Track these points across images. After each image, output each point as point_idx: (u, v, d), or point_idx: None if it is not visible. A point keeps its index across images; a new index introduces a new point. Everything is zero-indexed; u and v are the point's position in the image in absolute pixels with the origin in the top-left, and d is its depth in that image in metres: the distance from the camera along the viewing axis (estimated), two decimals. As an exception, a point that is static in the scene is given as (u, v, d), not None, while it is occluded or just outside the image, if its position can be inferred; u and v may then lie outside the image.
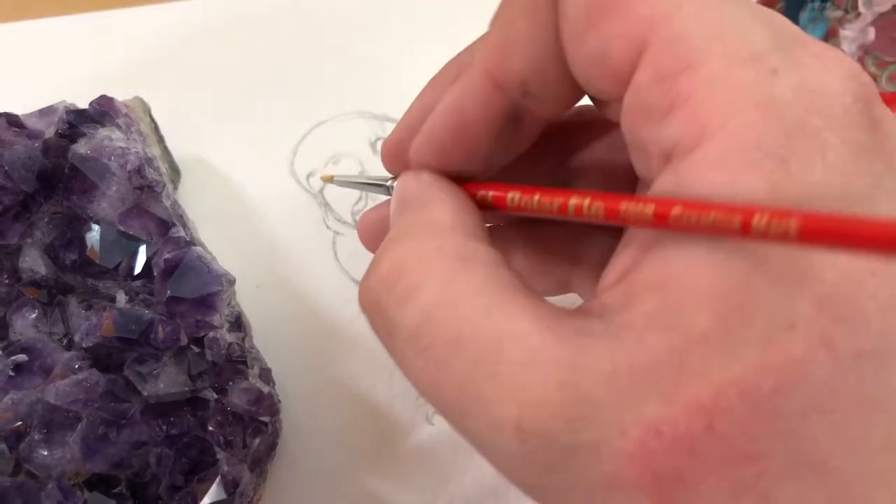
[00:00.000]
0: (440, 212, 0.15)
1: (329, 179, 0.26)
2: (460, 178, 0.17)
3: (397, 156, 0.19)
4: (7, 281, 0.22)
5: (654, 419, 0.11)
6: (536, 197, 0.14)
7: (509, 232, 0.19)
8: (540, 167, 0.18)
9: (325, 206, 0.28)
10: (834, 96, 0.11)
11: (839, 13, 0.29)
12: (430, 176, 0.16)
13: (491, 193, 0.16)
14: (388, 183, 0.20)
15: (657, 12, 0.12)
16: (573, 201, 0.13)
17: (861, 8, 0.28)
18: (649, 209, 0.11)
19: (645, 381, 0.11)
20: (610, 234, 0.17)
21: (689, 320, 0.11)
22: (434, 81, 0.19)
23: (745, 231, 0.10)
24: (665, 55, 0.12)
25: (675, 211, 0.11)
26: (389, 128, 0.29)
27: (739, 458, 0.10)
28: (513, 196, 0.15)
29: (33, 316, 0.21)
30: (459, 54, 0.18)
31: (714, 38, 0.12)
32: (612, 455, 0.11)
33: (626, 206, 0.12)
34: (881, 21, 0.28)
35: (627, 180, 0.17)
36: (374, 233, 0.20)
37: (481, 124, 0.15)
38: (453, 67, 0.18)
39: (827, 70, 0.11)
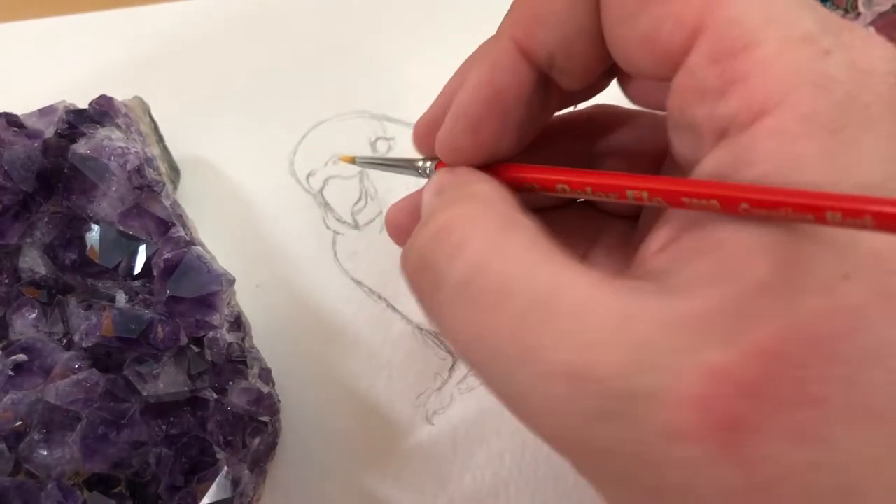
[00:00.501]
0: (480, 187, 0.15)
1: (351, 160, 0.25)
2: (490, 165, 0.17)
3: (430, 136, 0.19)
4: (7, 281, 0.22)
5: (715, 364, 0.10)
6: (589, 187, 0.15)
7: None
8: (562, 156, 0.18)
9: (325, 206, 0.28)
10: (880, 76, 0.12)
11: (839, 13, 0.29)
12: (467, 169, 0.17)
13: (537, 175, 0.16)
14: (420, 164, 0.20)
15: None
16: (631, 193, 0.14)
17: (861, 8, 0.28)
18: (714, 204, 0.12)
19: (703, 327, 0.11)
20: (630, 215, 0.18)
21: (746, 272, 0.11)
22: (465, 64, 0.19)
23: (819, 221, 0.11)
24: (722, 37, 0.12)
25: (743, 206, 0.11)
26: (389, 128, 0.29)
27: (801, 402, 0.10)
28: (563, 186, 0.15)
29: (33, 316, 0.21)
30: (490, 38, 0.19)
31: (768, 21, 0.12)
32: (672, 401, 0.10)
33: (689, 200, 0.12)
34: (881, 21, 0.28)
35: (651, 165, 0.18)
36: (403, 223, 0.20)
37: (512, 92, 0.15)
38: (483, 50, 0.18)
39: (872, 53, 0.12)
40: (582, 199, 0.17)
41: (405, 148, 0.29)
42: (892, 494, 0.10)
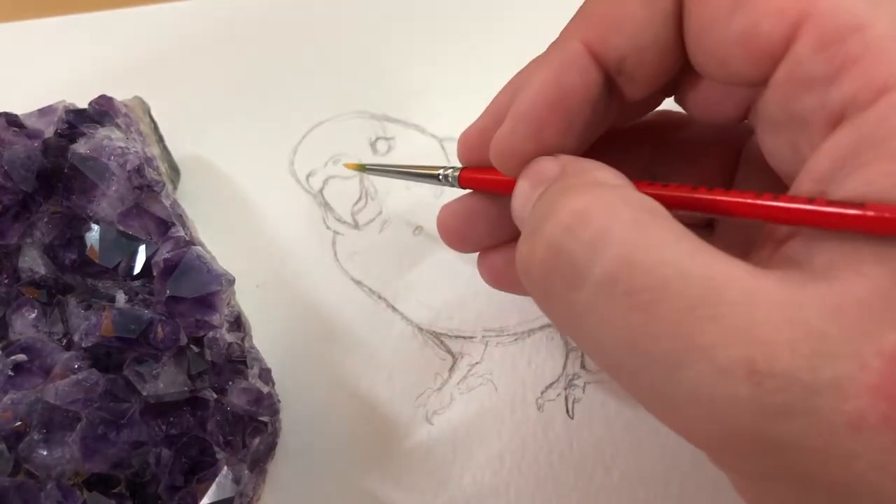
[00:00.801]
0: (602, 174, 0.14)
1: (360, 168, 0.25)
2: None
3: (480, 146, 0.18)
4: (7, 281, 0.22)
5: (894, 348, 0.10)
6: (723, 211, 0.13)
7: None
8: (626, 164, 0.18)
9: (325, 205, 0.28)
10: None
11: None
12: (570, 156, 0.15)
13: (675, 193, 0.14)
14: (444, 172, 0.19)
15: None
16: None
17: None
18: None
19: (875, 310, 0.10)
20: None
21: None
22: (519, 75, 0.18)
23: None
24: (828, 23, 0.12)
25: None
26: (389, 128, 0.29)
27: None
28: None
29: (33, 316, 0.21)
30: (553, 44, 0.18)
31: (874, 4, 0.12)
32: (857, 391, 0.10)
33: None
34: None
35: (720, 171, 0.17)
36: (461, 228, 0.19)
37: (579, 95, 0.15)
38: (548, 54, 0.17)
39: None
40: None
41: (405, 148, 0.29)
42: None
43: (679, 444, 0.21)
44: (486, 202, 0.19)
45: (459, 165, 0.19)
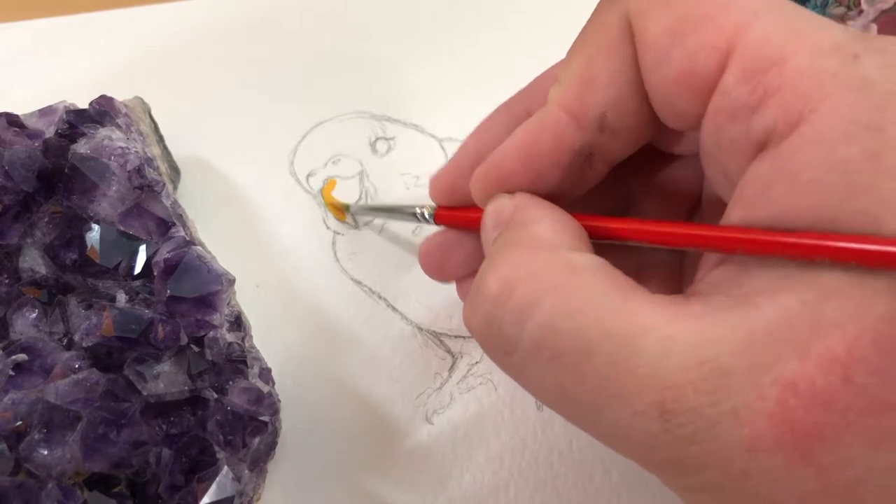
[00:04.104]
0: (541, 228, 0.15)
1: (345, 209, 0.27)
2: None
3: (452, 190, 0.19)
4: (7, 281, 0.22)
5: (792, 377, 0.11)
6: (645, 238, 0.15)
7: None
8: (601, 195, 0.18)
9: (325, 206, 0.28)
10: None
11: (842, 10, 0.28)
12: (525, 196, 0.16)
13: (609, 225, 0.15)
14: (418, 210, 0.21)
15: (740, 20, 0.13)
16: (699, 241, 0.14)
17: (863, 5, 0.28)
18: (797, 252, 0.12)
19: (780, 339, 0.11)
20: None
21: (817, 276, 0.11)
22: (485, 125, 0.19)
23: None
24: (752, 55, 0.13)
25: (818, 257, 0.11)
26: (389, 128, 0.29)
27: (879, 408, 0.11)
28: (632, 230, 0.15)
29: (33, 316, 0.21)
30: (508, 101, 0.19)
31: (796, 36, 0.12)
32: (752, 418, 0.11)
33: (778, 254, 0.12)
34: (884, 18, 0.28)
35: (685, 204, 0.18)
36: (438, 259, 0.21)
37: (550, 158, 0.16)
38: (504, 113, 0.19)
39: None
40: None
41: (405, 148, 0.29)
42: None
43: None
44: (460, 236, 0.20)
45: (433, 205, 0.21)
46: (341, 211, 0.27)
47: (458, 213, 0.20)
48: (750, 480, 0.11)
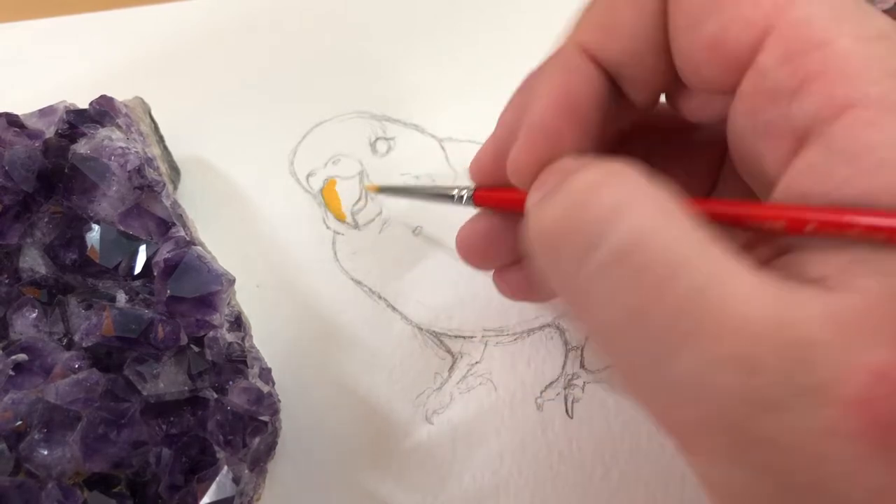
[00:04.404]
0: (626, 168, 0.14)
1: (377, 189, 0.25)
2: None
3: (492, 168, 0.18)
4: (7, 281, 0.22)
5: (882, 364, 0.10)
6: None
7: None
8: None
9: (325, 205, 0.28)
10: None
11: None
12: (590, 155, 0.15)
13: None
14: (457, 191, 0.19)
15: None
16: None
17: (861, 7, 0.28)
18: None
19: (867, 324, 0.11)
20: None
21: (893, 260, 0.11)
22: (516, 94, 0.18)
23: None
24: (793, 36, 0.12)
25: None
26: (389, 128, 0.29)
27: None
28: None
29: (33, 316, 0.21)
30: (547, 58, 0.18)
31: (840, 20, 0.12)
32: (836, 399, 0.10)
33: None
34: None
35: (707, 173, 0.18)
36: (480, 245, 0.19)
37: (589, 100, 0.15)
38: (532, 79, 0.18)
39: None
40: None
41: (405, 148, 0.29)
42: None
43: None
44: (501, 222, 0.19)
45: (472, 185, 0.19)
46: (342, 210, 0.27)
47: (501, 193, 0.18)
48: (824, 467, 0.11)
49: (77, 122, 0.22)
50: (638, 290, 0.12)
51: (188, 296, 0.21)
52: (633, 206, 0.12)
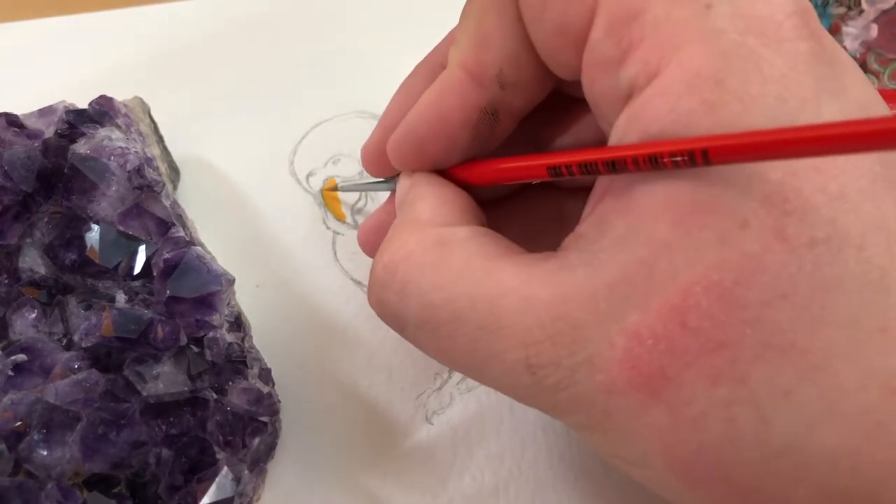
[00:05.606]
0: (421, 207, 0.16)
1: (333, 187, 0.27)
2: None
3: (378, 159, 0.20)
4: (7, 281, 0.22)
5: (635, 327, 0.12)
6: (522, 164, 0.16)
7: (504, 208, 0.20)
8: (518, 147, 0.19)
9: (325, 205, 0.28)
10: (767, 17, 0.12)
11: (842, 10, 0.28)
12: (420, 175, 0.18)
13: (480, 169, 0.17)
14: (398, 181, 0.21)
15: None
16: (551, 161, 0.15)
17: (864, 5, 0.28)
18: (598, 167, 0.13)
19: (622, 294, 0.12)
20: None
21: (652, 232, 0.12)
22: (406, 85, 0.20)
23: (664, 165, 0.12)
24: (614, 8, 0.13)
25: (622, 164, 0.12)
26: (389, 127, 0.29)
27: (713, 347, 0.12)
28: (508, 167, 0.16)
29: (33, 316, 0.21)
30: (427, 56, 0.20)
31: None
32: (605, 365, 0.12)
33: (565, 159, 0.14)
34: (884, 18, 0.28)
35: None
36: (374, 241, 0.21)
37: (458, 118, 0.16)
38: (423, 70, 0.20)
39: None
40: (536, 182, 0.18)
41: (405, 147, 0.29)
42: (801, 421, 0.11)
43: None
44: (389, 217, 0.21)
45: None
46: (342, 211, 0.27)
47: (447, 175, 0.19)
48: (612, 419, 0.13)
49: (77, 122, 0.22)
50: (442, 342, 0.15)
51: (188, 296, 0.21)
52: (414, 280, 0.15)
